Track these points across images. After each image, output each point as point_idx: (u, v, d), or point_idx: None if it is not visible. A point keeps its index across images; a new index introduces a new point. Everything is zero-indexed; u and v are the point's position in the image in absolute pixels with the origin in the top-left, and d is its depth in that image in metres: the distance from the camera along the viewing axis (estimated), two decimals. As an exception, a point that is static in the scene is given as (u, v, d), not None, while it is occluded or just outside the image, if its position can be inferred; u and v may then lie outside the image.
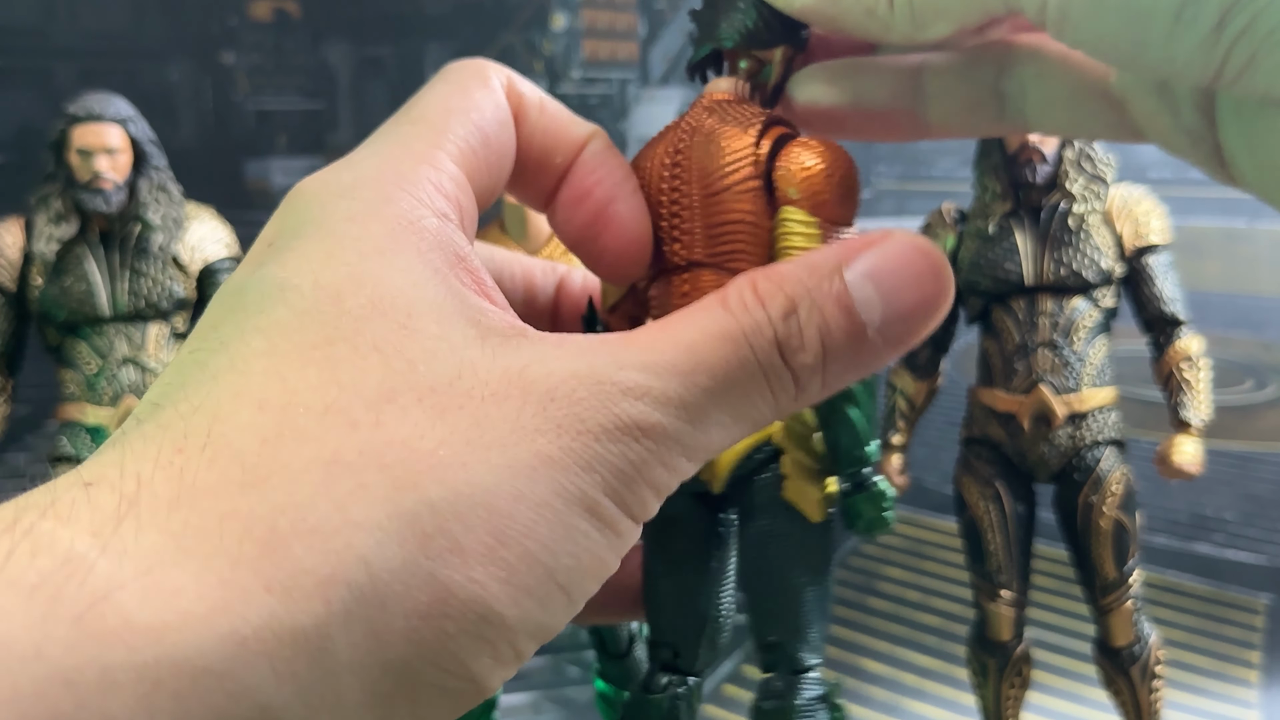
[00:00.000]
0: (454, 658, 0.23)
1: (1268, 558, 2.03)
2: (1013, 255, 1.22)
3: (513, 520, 0.24)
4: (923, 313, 0.28)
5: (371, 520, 0.22)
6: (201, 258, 1.28)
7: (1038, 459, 1.23)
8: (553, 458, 0.25)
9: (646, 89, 6.68)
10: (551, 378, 0.26)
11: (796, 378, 0.27)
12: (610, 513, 0.25)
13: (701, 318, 0.27)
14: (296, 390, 0.24)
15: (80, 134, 1.21)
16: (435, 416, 0.24)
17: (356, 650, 0.22)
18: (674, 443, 0.26)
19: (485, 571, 0.23)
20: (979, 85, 0.33)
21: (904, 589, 1.94)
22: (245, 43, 6.03)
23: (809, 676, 0.34)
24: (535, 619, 0.24)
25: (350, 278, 0.26)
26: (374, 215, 0.27)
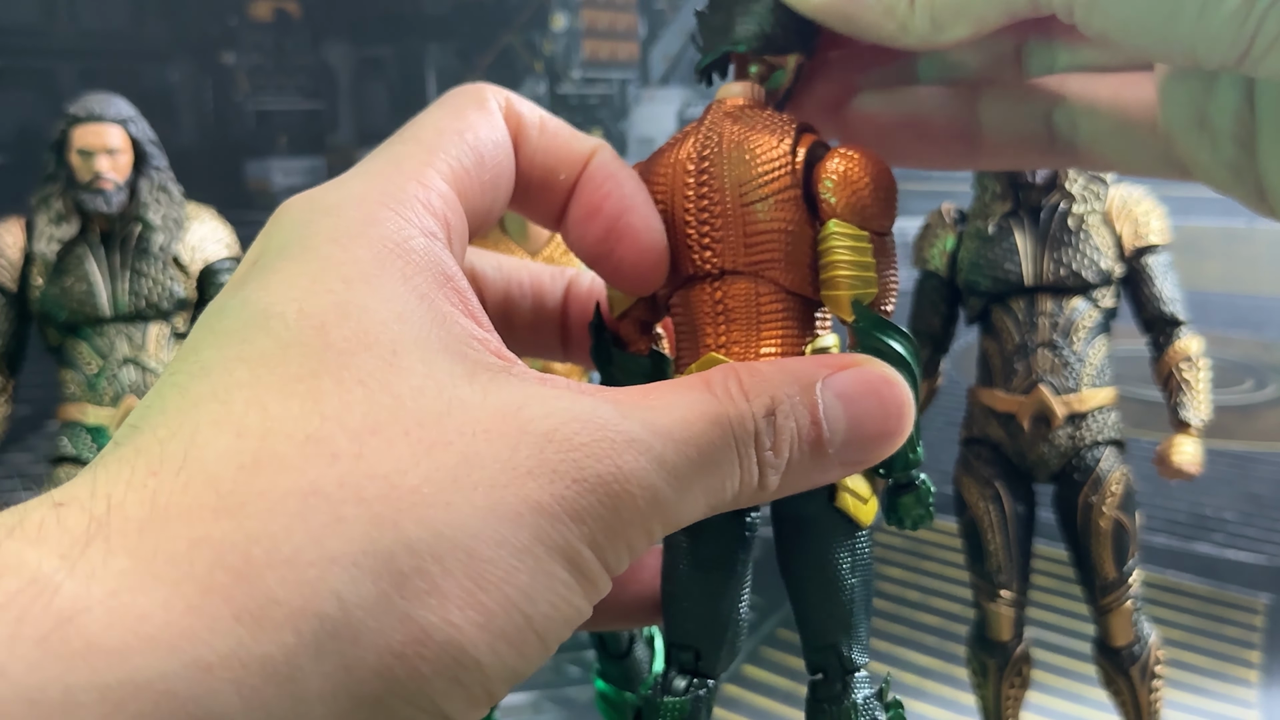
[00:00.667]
0: (427, 698, 0.23)
1: (1267, 557, 2.03)
2: (1012, 255, 1.22)
3: (493, 566, 0.24)
4: (879, 444, 0.29)
5: (347, 555, 0.22)
6: (202, 258, 1.28)
7: (1037, 459, 1.23)
8: (541, 504, 0.24)
9: (647, 89, 6.68)
10: (551, 418, 0.26)
11: (763, 472, 0.28)
12: (591, 566, 0.25)
13: (689, 395, 0.28)
14: (278, 419, 0.24)
15: (81, 134, 1.21)
16: (421, 452, 0.24)
17: (328, 681, 0.22)
18: (661, 507, 0.26)
19: (463, 616, 0.23)
20: (1032, 116, 0.33)
21: (904, 589, 1.94)
22: (245, 43, 6.03)
23: (860, 675, 0.35)
24: (510, 665, 0.24)
25: (335, 307, 0.25)
26: (359, 237, 0.27)
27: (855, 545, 0.35)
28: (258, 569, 0.22)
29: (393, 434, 0.24)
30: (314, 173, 6.02)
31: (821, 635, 0.35)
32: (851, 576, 0.35)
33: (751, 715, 1.58)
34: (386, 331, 0.25)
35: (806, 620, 0.35)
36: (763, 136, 0.32)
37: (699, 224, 0.32)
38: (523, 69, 6.83)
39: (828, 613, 0.35)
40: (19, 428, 1.28)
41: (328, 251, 0.27)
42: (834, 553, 0.35)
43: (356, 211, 0.27)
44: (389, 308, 0.26)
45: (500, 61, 6.98)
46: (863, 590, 0.35)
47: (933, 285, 1.30)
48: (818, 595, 0.35)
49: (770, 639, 1.77)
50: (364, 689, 0.22)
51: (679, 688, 0.36)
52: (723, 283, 0.33)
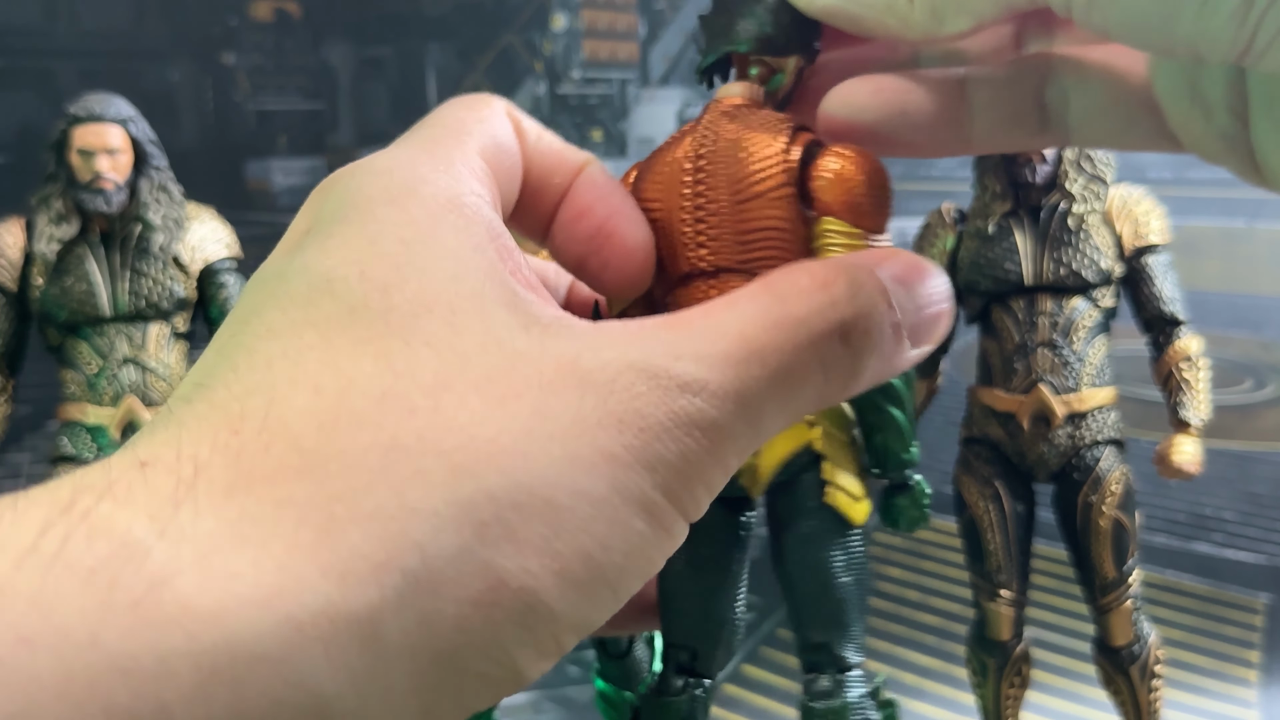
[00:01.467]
0: (500, 647, 0.23)
1: (1267, 557, 2.03)
2: (1012, 255, 1.22)
3: (571, 514, 0.24)
4: (939, 322, 0.29)
5: (429, 506, 0.22)
6: (202, 258, 1.28)
7: (1037, 458, 1.23)
8: (615, 454, 0.24)
9: (647, 89, 6.68)
10: (608, 369, 0.25)
11: (854, 362, 0.27)
12: (665, 513, 0.25)
13: (749, 305, 0.27)
14: (352, 378, 0.24)
15: (81, 134, 1.21)
16: (494, 405, 0.24)
17: (408, 637, 0.22)
18: (729, 439, 0.26)
19: (539, 563, 0.23)
20: (1023, 97, 0.33)
21: (903, 589, 1.94)
22: (246, 43, 6.04)
23: (853, 674, 0.35)
24: (581, 614, 0.24)
25: (395, 269, 0.26)
26: (413, 195, 0.27)
27: (848, 544, 0.35)
28: (341, 525, 0.22)
29: (463, 389, 0.24)
30: (314, 173, 6.02)
31: (814, 634, 0.35)
32: (844, 575, 0.35)
33: (751, 715, 1.58)
34: (445, 291, 0.26)
35: (800, 619, 0.35)
36: (758, 135, 0.32)
37: (694, 221, 0.32)
38: (523, 69, 6.84)
39: (820, 611, 0.35)
40: (19, 427, 1.28)
41: (384, 213, 0.27)
42: (826, 551, 0.35)
43: (408, 173, 0.28)
44: (445, 267, 0.26)
45: (500, 62, 6.98)
46: (856, 589, 0.35)
47: (932, 285, 1.30)
48: (810, 594, 0.35)
49: (769, 639, 1.77)
50: (441, 643, 0.22)
51: (676, 687, 0.36)
52: (718, 280, 0.33)
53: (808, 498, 0.36)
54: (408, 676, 0.22)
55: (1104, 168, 1.23)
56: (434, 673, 0.22)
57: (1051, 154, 1.22)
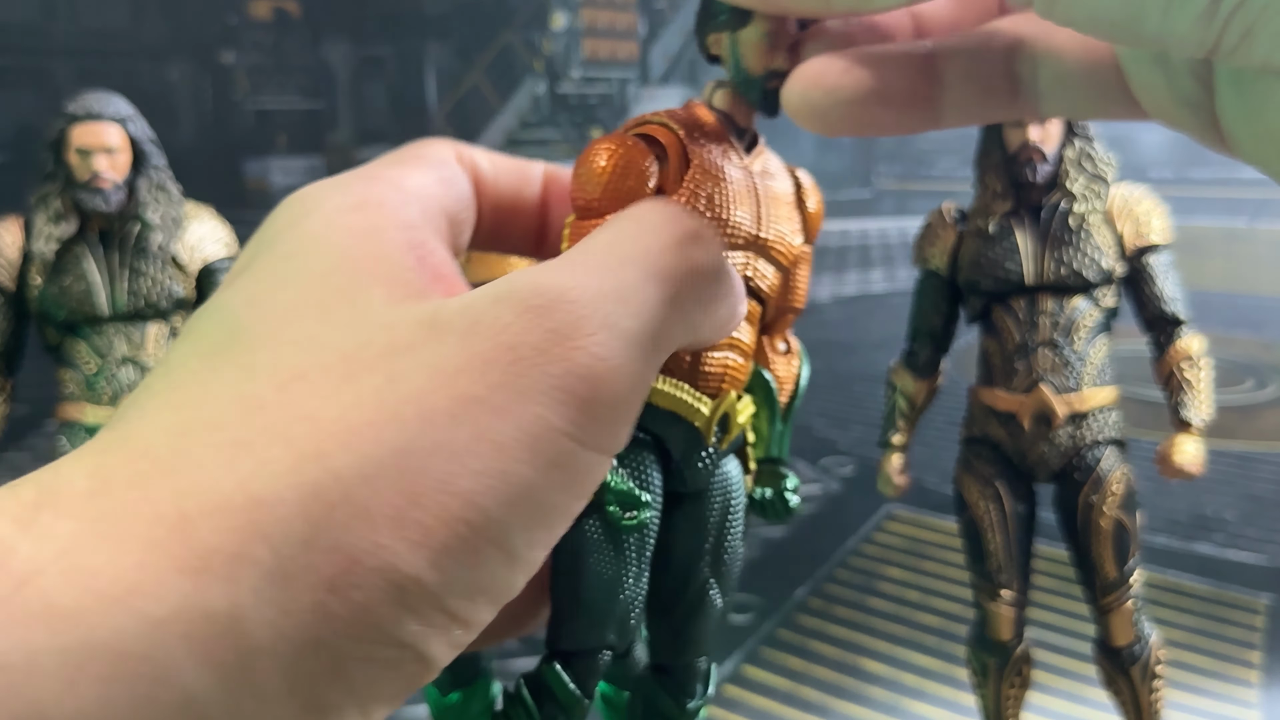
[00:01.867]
0: (374, 629, 0.22)
1: (1268, 557, 2.03)
2: (1013, 255, 1.22)
3: (425, 476, 0.23)
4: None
5: (274, 495, 0.22)
6: (201, 257, 1.28)
7: (1038, 458, 1.23)
8: (478, 397, 0.23)
9: (646, 88, 6.68)
10: (470, 311, 0.25)
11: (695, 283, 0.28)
12: (557, 444, 0.24)
13: (612, 229, 0.29)
14: (213, 388, 0.24)
15: (79, 133, 1.21)
16: (344, 383, 0.24)
17: (271, 630, 0.21)
18: (622, 349, 0.25)
19: (393, 535, 0.22)
20: (993, 68, 0.32)
21: (904, 589, 1.94)
22: (245, 42, 6.04)
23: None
24: (464, 579, 0.23)
25: (276, 286, 0.26)
26: (314, 213, 0.28)
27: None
28: (193, 521, 0.22)
29: (315, 375, 0.24)
30: (313, 172, 6.02)
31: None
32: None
33: (751, 716, 1.57)
34: (319, 289, 0.26)
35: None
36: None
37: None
38: (522, 68, 6.84)
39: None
40: (17, 427, 1.28)
41: (283, 239, 0.28)
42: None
43: (320, 193, 0.29)
44: (323, 266, 0.27)
45: (500, 61, 6.98)
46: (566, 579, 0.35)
47: (933, 284, 1.30)
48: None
49: (769, 639, 1.77)
50: (306, 633, 0.22)
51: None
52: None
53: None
54: (279, 672, 0.21)
55: (1105, 167, 1.22)
56: (307, 664, 0.22)
57: (1052, 153, 1.21)
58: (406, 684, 0.24)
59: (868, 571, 2.00)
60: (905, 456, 1.31)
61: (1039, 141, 1.20)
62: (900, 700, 1.60)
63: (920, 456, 1.96)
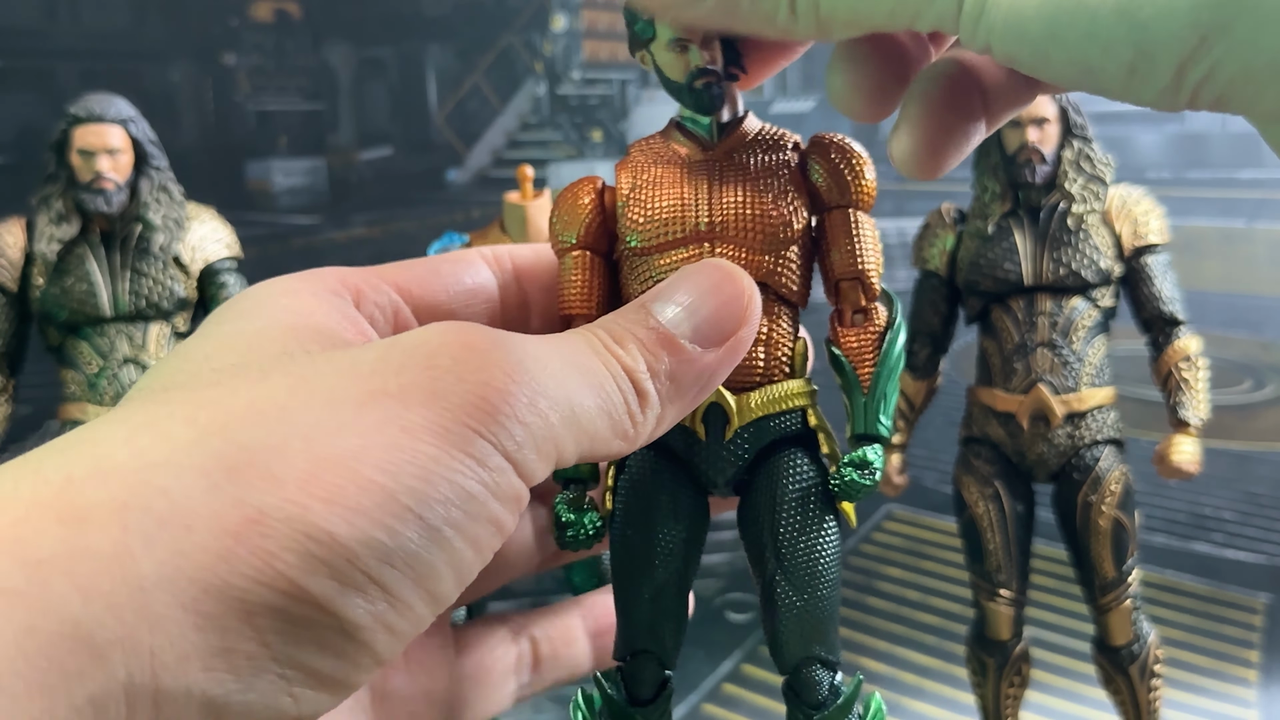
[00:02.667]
0: (283, 578, 0.23)
1: (1266, 557, 2.03)
2: (1012, 255, 1.23)
3: (335, 448, 0.24)
4: (727, 312, 0.32)
5: (172, 459, 0.24)
6: (203, 258, 1.29)
7: (1037, 458, 1.23)
8: (388, 390, 0.25)
9: (646, 90, 6.67)
10: (400, 336, 0.27)
11: (630, 375, 0.30)
12: (466, 439, 0.25)
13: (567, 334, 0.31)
14: (129, 403, 0.26)
15: (82, 134, 1.21)
16: (257, 381, 0.26)
17: (164, 568, 0.22)
18: (539, 388, 0.27)
19: (304, 492, 0.23)
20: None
21: (903, 588, 1.94)
22: (246, 44, 6.04)
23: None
24: (377, 539, 0.24)
25: (204, 336, 0.30)
26: (250, 294, 0.32)
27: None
28: (78, 482, 0.23)
29: (231, 381, 0.26)
30: (314, 173, 6.03)
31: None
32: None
33: (751, 715, 1.58)
34: (248, 334, 0.29)
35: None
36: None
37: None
38: (522, 70, 6.83)
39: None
40: (19, 427, 1.28)
41: (217, 313, 0.32)
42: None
43: (268, 284, 0.32)
44: (257, 322, 0.30)
45: (500, 62, 6.97)
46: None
47: (932, 285, 1.30)
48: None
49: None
50: (205, 573, 0.23)
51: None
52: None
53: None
54: (175, 605, 0.22)
55: (1103, 168, 1.23)
56: (212, 605, 0.23)
57: (1051, 154, 1.22)
58: (334, 655, 0.24)
59: (867, 571, 2.01)
60: (904, 456, 1.32)
61: (1037, 143, 1.21)
62: (900, 699, 1.60)
63: (919, 456, 1.96)
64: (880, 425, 0.36)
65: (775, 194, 0.36)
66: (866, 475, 0.36)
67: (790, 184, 0.37)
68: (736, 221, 0.36)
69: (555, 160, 5.47)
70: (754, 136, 0.37)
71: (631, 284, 0.38)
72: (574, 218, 0.38)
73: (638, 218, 0.36)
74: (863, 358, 0.37)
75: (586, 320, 0.37)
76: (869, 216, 0.38)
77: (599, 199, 0.38)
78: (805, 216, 0.37)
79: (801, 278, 0.37)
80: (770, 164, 0.37)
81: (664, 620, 0.36)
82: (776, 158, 0.37)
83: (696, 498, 0.37)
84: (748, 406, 0.36)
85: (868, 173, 0.38)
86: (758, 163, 0.37)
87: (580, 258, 0.38)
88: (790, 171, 0.37)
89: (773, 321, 0.37)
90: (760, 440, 0.36)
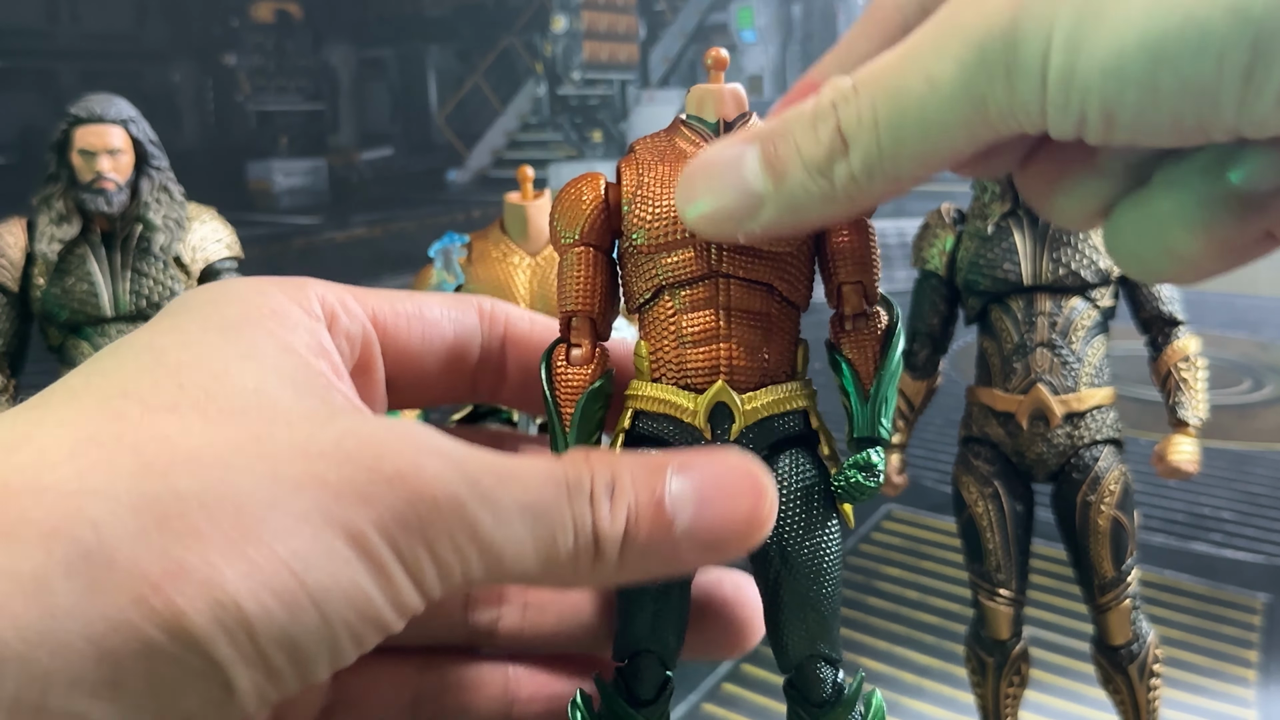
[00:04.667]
0: (190, 635, 0.24)
1: (1265, 557, 2.03)
2: (1011, 255, 1.23)
3: (263, 525, 0.25)
4: (732, 526, 0.30)
5: (109, 491, 0.24)
6: (203, 258, 1.29)
7: (1036, 458, 1.23)
8: (327, 481, 0.25)
9: (646, 90, 6.67)
10: (362, 423, 0.27)
11: (599, 536, 0.29)
12: (380, 552, 0.26)
13: (533, 457, 0.29)
14: (81, 397, 0.26)
15: (83, 135, 1.22)
16: (210, 424, 0.26)
17: (78, 600, 0.23)
18: (470, 526, 0.27)
19: (224, 559, 0.24)
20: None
21: (902, 588, 1.95)
22: (247, 44, 6.04)
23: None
24: (279, 623, 0.25)
25: (181, 344, 0.28)
26: (236, 301, 0.31)
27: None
28: (14, 493, 0.23)
29: (189, 413, 0.26)
30: (315, 173, 6.02)
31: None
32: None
33: (751, 714, 1.58)
34: (224, 360, 0.28)
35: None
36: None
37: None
38: (523, 70, 6.83)
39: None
40: (21, 427, 1.28)
41: (200, 308, 0.30)
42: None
43: (249, 284, 0.32)
44: (237, 348, 0.29)
45: (500, 63, 6.97)
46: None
47: (931, 285, 1.30)
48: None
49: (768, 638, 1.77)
50: (118, 613, 0.23)
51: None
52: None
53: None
54: (83, 638, 0.23)
55: (1102, 168, 1.23)
56: (113, 641, 0.23)
57: (1050, 154, 1.22)
58: (211, 708, 0.25)
59: (866, 570, 2.01)
60: (904, 456, 1.32)
61: (1036, 143, 1.21)
62: (899, 698, 1.61)
63: (918, 456, 1.96)
64: (881, 428, 0.37)
65: None
66: (870, 477, 0.36)
67: None
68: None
69: (555, 161, 5.47)
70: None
71: (634, 281, 0.38)
72: (577, 214, 0.38)
73: (645, 214, 0.36)
74: (864, 361, 0.37)
75: (587, 317, 0.37)
76: (870, 220, 0.38)
77: (603, 195, 0.38)
78: None
79: (804, 280, 0.38)
80: None
81: (666, 620, 0.36)
82: None
83: None
84: (753, 406, 0.36)
85: None
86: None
87: (583, 254, 0.38)
88: None
89: (776, 323, 0.37)
90: (765, 440, 0.36)
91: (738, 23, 7.38)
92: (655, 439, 0.36)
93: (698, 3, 7.19)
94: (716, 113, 0.37)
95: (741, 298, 0.36)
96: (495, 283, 1.13)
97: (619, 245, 0.38)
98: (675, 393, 0.36)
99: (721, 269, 0.36)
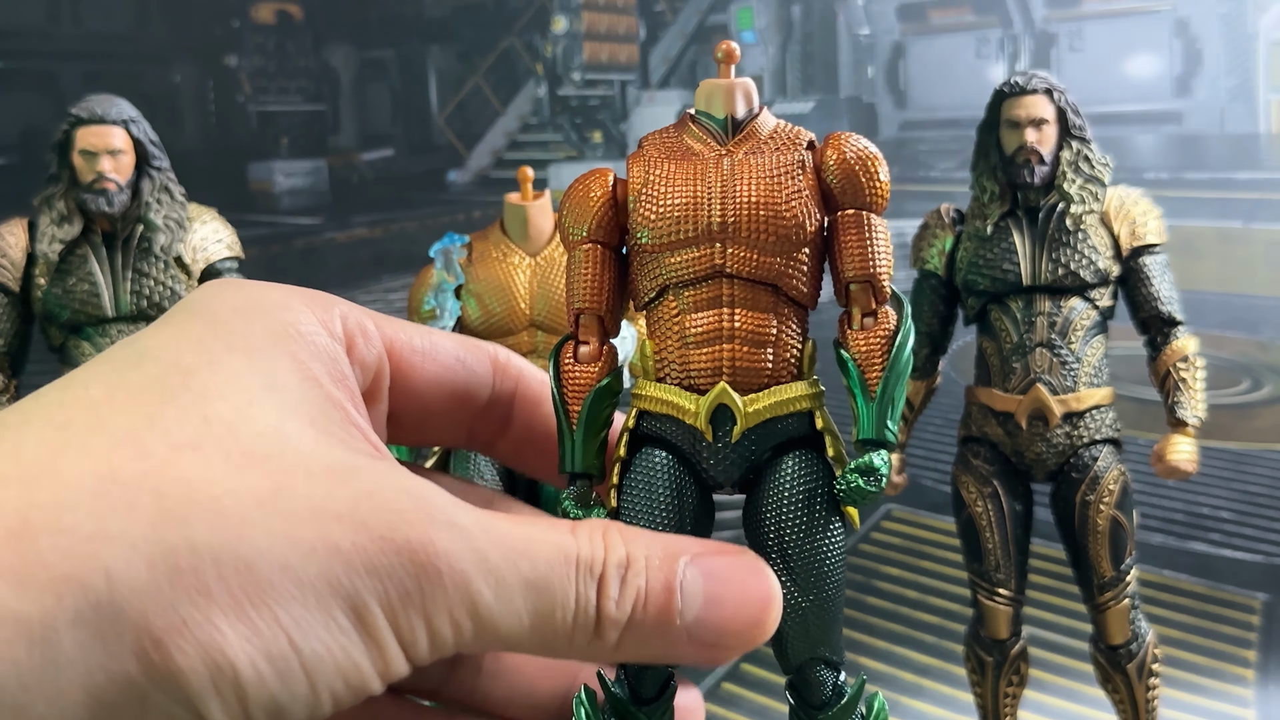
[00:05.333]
0: (183, 692, 0.24)
1: (1263, 556, 2.04)
2: (1010, 256, 1.23)
3: (271, 588, 0.25)
4: (735, 628, 0.30)
5: (127, 537, 0.24)
6: (204, 258, 1.29)
7: (1035, 458, 1.23)
8: (339, 548, 0.26)
9: (646, 91, 6.68)
10: (380, 482, 0.27)
11: (601, 619, 0.29)
12: (379, 627, 0.26)
13: (547, 526, 0.29)
14: (106, 424, 0.26)
15: (84, 135, 1.22)
16: (234, 470, 0.26)
17: (81, 650, 0.23)
18: (470, 600, 0.27)
19: (228, 622, 0.24)
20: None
21: (902, 587, 1.95)
22: (248, 45, 6.04)
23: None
24: (270, 690, 0.25)
25: (208, 364, 0.28)
26: (264, 316, 0.30)
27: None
28: (33, 532, 0.23)
29: (213, 454, 0.26)
30: (315, 174, 6.03)
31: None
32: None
33: (750, 714, 1.58)
34: (248, 391, 0.28)
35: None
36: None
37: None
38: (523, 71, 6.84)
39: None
40: (22, 427, 1.29)
41: (227, 319, 0.29)
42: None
43: (276, 296, 0.31)
44: (261, 376, 0.28)
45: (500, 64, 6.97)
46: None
47: (931, 285, 1.31)
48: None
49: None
50: (118, 665, 0.23)
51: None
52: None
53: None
54: (80, 689, 0.23)
55: (1101, 168, 1.23)
56: (111, 694, 0.23)
57: (1049, 155, 1.22)
58: None
59: (866, 570, 2.01)
60: (903, 456, 1.32)
61: (1035, 143, 1.21)
62: (899, 698, 1.61)
63: (918, 456, 1.96)
64: (887, 431, 0.36)
65: (789, 194, 0.36)
66: (872, 482, 0.35)
67: (804, 184, 0.36)
68: (749, 222, 0.36)
69: (556, 161, 5.47)
70: (768, 134, 0.37)
71: (641, 280, 0.37)
72: (585, 211, 0.38)
73: (650, 214, 0.36)
74: (871, 361, 0.37)
75: (595, 315, 0.37)
76: (881, 219, 0.37)
77: (611, 192, 0.38)
78: (819, 218, 0.37)
79: (812, 279, 0.37)
80: (784, 163, 0.36)
81: None
82: (791, 157, 0.37)
83: (701, 495, 0.37)
84: (755, 408, 0.36)
85: (882, 174, 0.37)
86: (771, 161, 0.36)
87: (591, 251, 0.38)
88: (804, 171, 0.37)
89: (782, 323, 0.36)
90: (767, 442, 0.36)
91: (738, 24, 7.37)
92: (659, 439, 0.37)
93: (698, 4, 7.19)
94: (725, 108, 0.37)
95: (746, 297, 0.36)
96: (495, 283, 1.13)
97: (626, 243, 0.38)
98: (678, 393, 0.36)
99: (726, 268, 0.36)
